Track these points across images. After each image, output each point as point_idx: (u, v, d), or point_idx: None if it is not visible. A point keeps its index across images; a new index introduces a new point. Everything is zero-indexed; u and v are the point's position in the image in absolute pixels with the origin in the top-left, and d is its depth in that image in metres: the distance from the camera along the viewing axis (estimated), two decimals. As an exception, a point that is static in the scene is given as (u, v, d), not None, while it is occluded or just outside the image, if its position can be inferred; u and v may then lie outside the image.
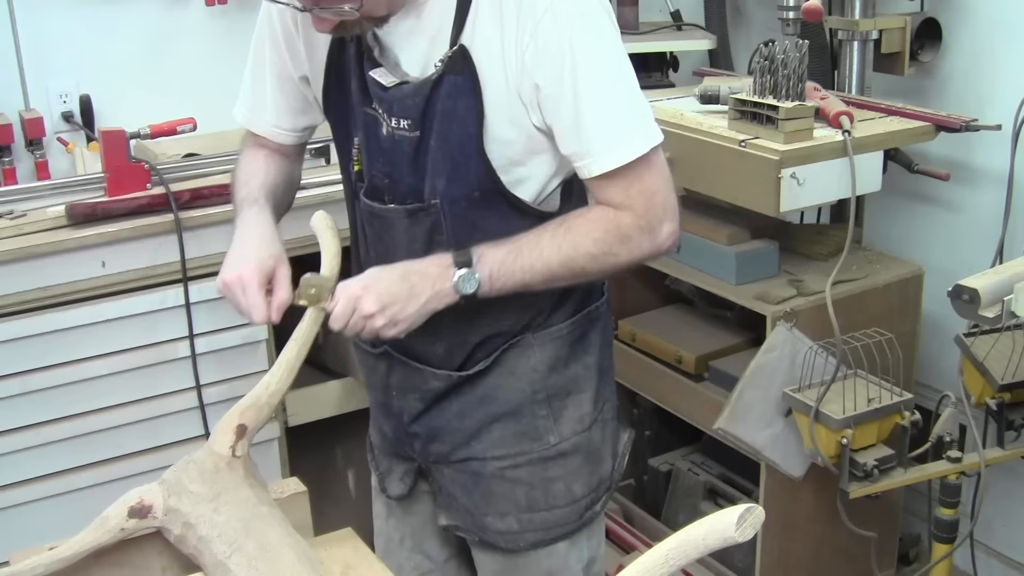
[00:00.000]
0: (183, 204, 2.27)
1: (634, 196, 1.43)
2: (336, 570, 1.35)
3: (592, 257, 1.43)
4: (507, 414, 1.57)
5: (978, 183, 2.59)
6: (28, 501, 2.22)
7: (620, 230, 1.43)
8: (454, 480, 1.63)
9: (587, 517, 1.63)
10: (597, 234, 1.43)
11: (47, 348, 2.19)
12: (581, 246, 1.42)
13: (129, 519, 1.29)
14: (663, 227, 1.44)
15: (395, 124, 1.45)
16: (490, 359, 1.54)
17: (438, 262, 1.41)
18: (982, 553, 2.56)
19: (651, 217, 1.43)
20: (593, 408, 1.62)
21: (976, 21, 2.55)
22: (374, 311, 1.38)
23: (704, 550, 0.93)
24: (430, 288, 1.40)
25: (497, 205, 1.47)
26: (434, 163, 1.44)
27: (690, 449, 2.84)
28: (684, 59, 3.07)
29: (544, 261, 1.42)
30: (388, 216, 1.50)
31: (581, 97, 1.39)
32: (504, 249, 1.41)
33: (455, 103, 1.41)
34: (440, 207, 1.46)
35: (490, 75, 1.40)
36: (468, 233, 1.45)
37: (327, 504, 1.72)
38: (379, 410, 1.72)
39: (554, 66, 1.37)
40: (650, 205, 1.43)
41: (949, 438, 2.17)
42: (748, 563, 2.47)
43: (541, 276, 1.42)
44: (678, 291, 2.81)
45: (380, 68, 1.45)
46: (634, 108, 1.44)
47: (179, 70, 2.79)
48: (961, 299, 1.66)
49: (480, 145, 1.42)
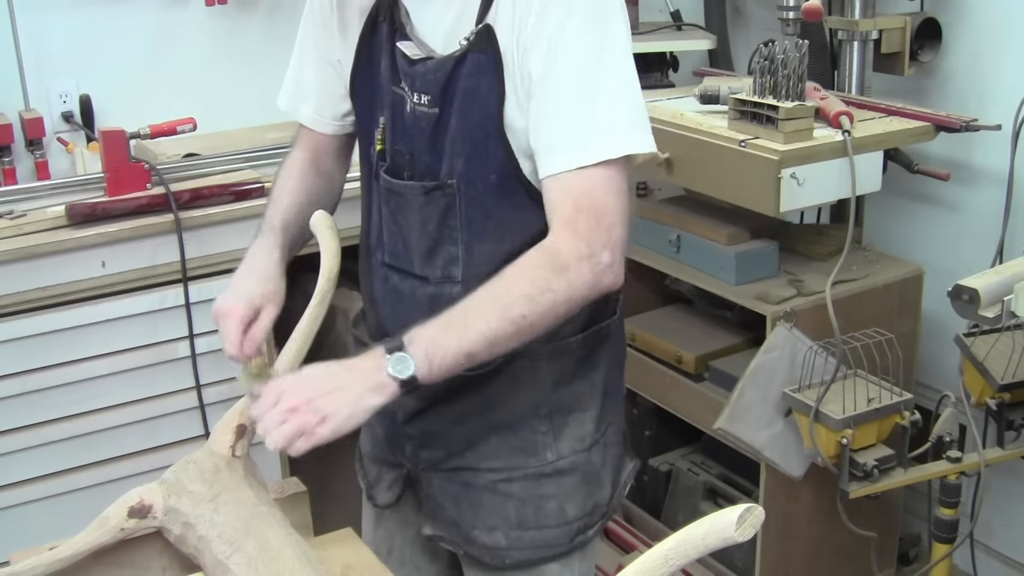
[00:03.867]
0: (183, 204, 2.27)
1: (583, 210, 1.31)
2: (336, 570, 1.35)
3: (529, 299, 1.29)
4: (506, 425, 1.52)
5: (978, 183, 2.59)
6: (28, 501, 2.22)
7: (556, 259, 1.30)
8: (443, 489, 1.58)
9: (578, 541, 1.55)
10: (530, 270, 1.31)
11: (47, 348, 2.19)
12: (515, 289, 1.30)
13: (129, 519, 1.29)
14: (604, 254, 1.31)
15: (416, 100, 1.42)
16: (494, 364, 1.48)
17: (371, 355, 1.29)
18: (982, 553, 2.56)
19: (592, 240, 1.30)
20: (595, 429, 1.56)
21: (976, 21, 2.55)
22: (297, 403, 1.26)
23: (704, 550, 0.93)
24: (363, 382, 1.27)
25: (514, 193, 1.41)
26: (453, 142, 1.41)
27: (690, 449, 2.84)
28: (684, 59, 3.07)
29: (481, 318, 1.29)
30: (405, 193, 1.46)
31: (553, 85, 1.32)
32: (435, 323, 1.30)
33: (478, 81, 1.37)
34: (456, 187, 1.41)
35: (508, 57, 1.36)
36: (482, 221, 1.42)
37: (327, 504, 1.72)
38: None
39: (540, 48, 1.33)
40: (595, 227, 1.31)
41: (949, 438, 2.17)
42: (748, 563, 2.47)
43: (482, 337, 1.28)
44: (678, 291, 2.81)
45: (408, 41, 1.44)
46: (613, 110, 1.34)
47: (179, 70, 2.79)
48: (961, 299, 1.66)
49: (500, 126, 1.38)
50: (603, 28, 1.35)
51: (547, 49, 1.33)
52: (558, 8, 1.32)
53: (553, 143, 1.34)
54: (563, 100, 1.33)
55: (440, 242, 1.45)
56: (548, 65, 1.33)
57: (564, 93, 1.33)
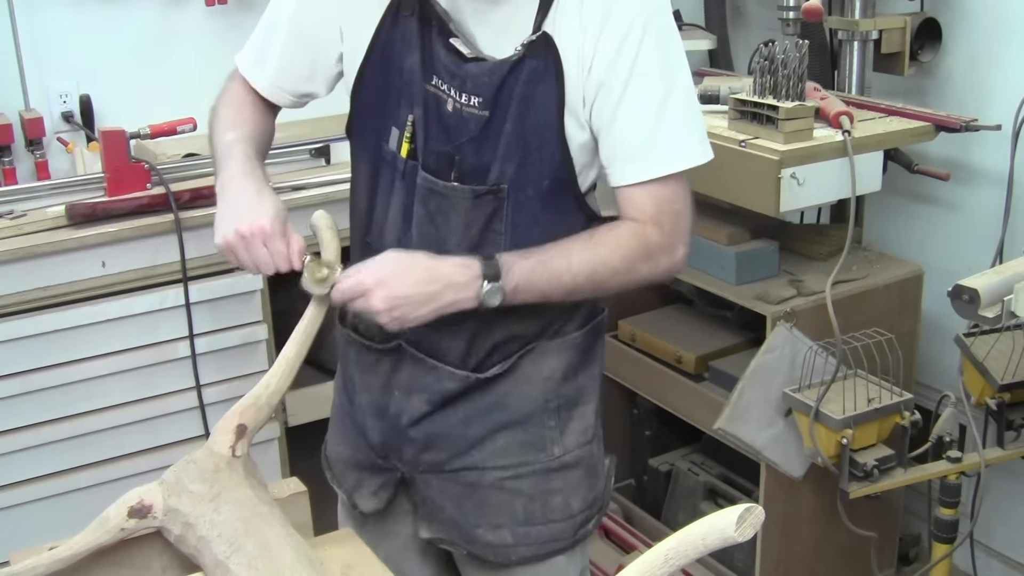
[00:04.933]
0: (183, 204, 2.27)
1: (665, 212, 1.43)
2: (336, 570, 1.35)
3: (615, 272, 1.42)
4: (516, 422, 1.53)
5: (978, 183, 2.59)
6: (28, 501, 2.22)
7: (647, 248, 1.42)
8: (443, 491, 1.57)
9: (580, 534, 1.58)
10: (625, 250, 1.42)
11: (47, 348, 2.19)
12: (608, 260, 1.41)
13: (129, 519, 1.29)
14: (679, 249, 1.45)
15: (464, 100, 1.42)
16: (506, 363, 1.50)
17: (465, 270, 1.36)
18: (982, 553, 2.56)
19: (675, 238, 1.44)
20: (595, 421, 1.59)
21: (976, 21, 2.55)
22: (381, 309, 1.33)
23: (704, 550, 0.93)
24: (452, 295, 1.36)
25: (563, 199, 1.45)
26: (507, 147, 1.41)
27: (690, 449, 2.84)
28: (684, 59, 3.07)
29: (572, 273, 1.40)
30: (449, 195, 1.44)
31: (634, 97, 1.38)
32: (531, 261, 1.39)
33: (535, 87, 1.39)
34: (507, 193, 1.42)
35: (569, 67, 1.39)
36: (528, 226, 1.44)
37: (327, 504, 1.71)
38: (370, 414, 1.60)
39: (617, 61, 1.37)
40: (676, 226, 1.44)
41: (949, 438, 2.17)
42: (748, 563, 2.47)
43: (564, 288, 1.41)
44: (678, 291, 2.81)
45: (458, 39, 1.42)
46: (689, 119, 1.44)
47: (179, 70, 2.79)
48: (961, 299, 1.66)
49: (560, 132, 1.40)
50: (673, 41, 1.42)
51: (625, 62, 1.38)
52: (633, 23, 1.37)
53: (634, 152, 1.42)
54: (644, 112, 1.40)
55: (481, 245, 1.44)
56: (627, 77, 1.38)
57: (645, 105, 1.40)
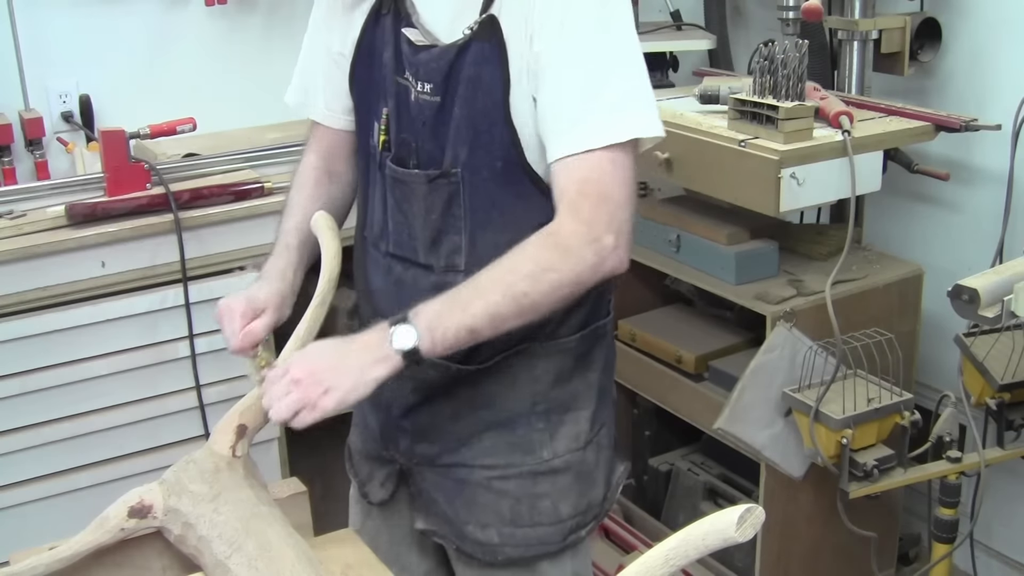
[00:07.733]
0: (183, 204, 2.27)
1: (586, 195, 1.32)
2: (336, 570, 1.35)
3: (532, 277, 1.31)
4: (502, 423, 1.53)
5: (978, 183, 2.59)
6: (28, 501, 2.22)
7: (559, 242, 1.32)
8: (437, 485, 1.58)
9: (571, 540, 1.57)
10: (533, 250, 1.33)
11: (47, 348, 2.19)
12: (518, 267, 1.32)
13: (129, 519, 1.29)
14: (607, 238, 1.32)
15: (420, 88, 1.43)
16: (491, 361, 1.50)
17: (376, 329, 1.34)
18: (982, 553, 2.56)
19: (595, 224, 1.32)
20: (590, 428, 1.57)
21: (976, 21, 2.55)
22: (302, 376, 1.31)
23: (704, 550, 0.93)
24: (367, 354, 1.32)
25: (518, 182, 1.42)
26: (457, 131, 1.41)
27: (690, 449, 2.84)
28: (684, 59, 3.07)
29: (484, 295, 1.32)
30: (409, 182, 1.46)
31: (560, 70, 1.34)
32: (439, 299, 1.34)
33: (481, 70, 1.38)
34: (460, 176, 1.42)
35: (513, 46, 1.38)
36: (486, 210, 1.43)
37: (327, 504, 1.72)
38: (368, 403, 1.62)
39: (548, 31, 1.34)
40: (598, 211, 1.32)
41: (949, 438, 2.17)
42: (748, 563, 2.47)
43: (484, 313, 1.31)
44: (678, 291, 2.81)
45: (414, 28, 1.45)
46: (619, 94, 1.35)
47: (179, 70, 2.79)
48: (961, 299, 1.66)
49: (506, 114, 1.38)
50: (608, 12, 1.37)
51: (553, 32, 1.34)
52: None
53: (559, 127, 1.35)
54: (570, 84, 1.34)
55: (444, 231, 1.45)
56: (555, 49, 1.34)
57: (571, 77, 1.35)
